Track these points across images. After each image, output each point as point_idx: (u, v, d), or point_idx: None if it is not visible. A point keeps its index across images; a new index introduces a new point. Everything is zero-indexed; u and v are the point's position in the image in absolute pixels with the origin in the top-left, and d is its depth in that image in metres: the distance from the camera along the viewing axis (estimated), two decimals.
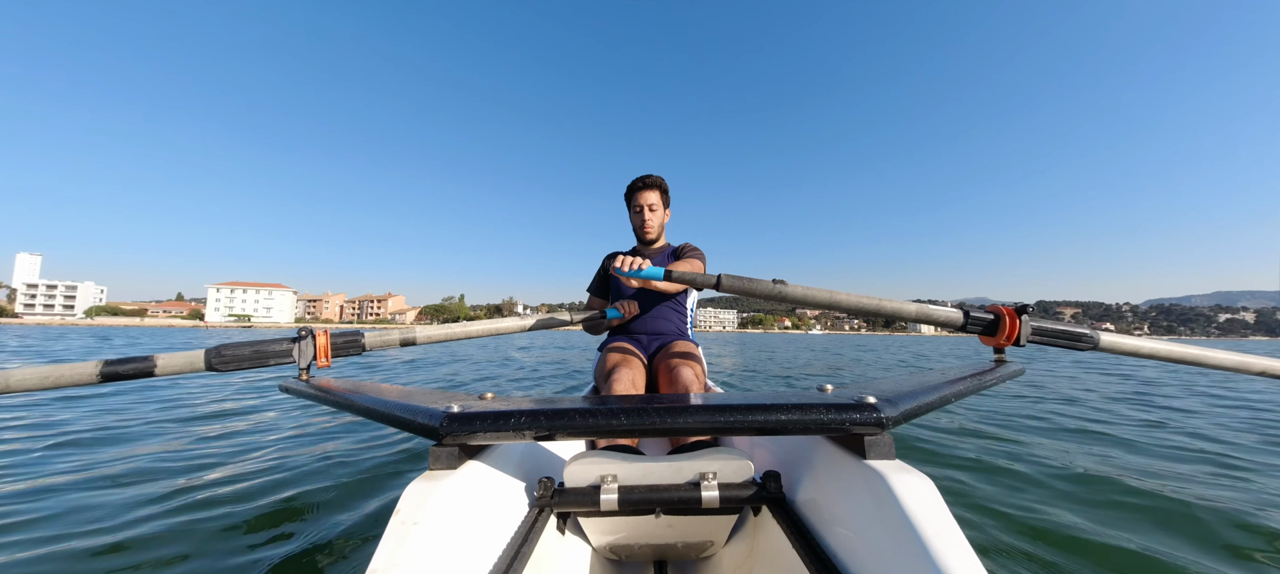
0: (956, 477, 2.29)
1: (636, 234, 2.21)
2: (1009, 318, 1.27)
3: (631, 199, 2.17)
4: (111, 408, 3.79)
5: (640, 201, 2.13)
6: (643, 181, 2.14)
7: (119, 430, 3.11)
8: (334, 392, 1.12)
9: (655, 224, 2.14)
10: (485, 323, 1.67)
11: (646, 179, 2.14)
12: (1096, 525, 1.76)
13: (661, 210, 2.17)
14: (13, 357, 9.40)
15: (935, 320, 1.32)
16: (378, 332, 1.45)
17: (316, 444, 2.81)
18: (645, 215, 2.12)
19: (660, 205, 2.16)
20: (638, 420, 0.78)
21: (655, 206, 2.13)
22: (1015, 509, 1.89)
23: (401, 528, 0.71)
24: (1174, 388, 5.64)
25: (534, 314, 1.75)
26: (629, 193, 2.19)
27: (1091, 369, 7.11)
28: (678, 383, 1.61)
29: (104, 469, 2.33)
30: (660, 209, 2.16)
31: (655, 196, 2.13)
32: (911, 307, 1.34)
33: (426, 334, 1.55)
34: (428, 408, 0.87)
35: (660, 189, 2.15)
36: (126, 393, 4.47)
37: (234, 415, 3.65)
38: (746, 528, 1.03)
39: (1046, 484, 2.19)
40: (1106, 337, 1.36)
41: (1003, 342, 1.28)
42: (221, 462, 2.47)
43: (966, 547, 0.63)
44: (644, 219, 2.12)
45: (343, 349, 1.38)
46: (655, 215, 2.13)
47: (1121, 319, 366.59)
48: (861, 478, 0.77)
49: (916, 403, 0.85)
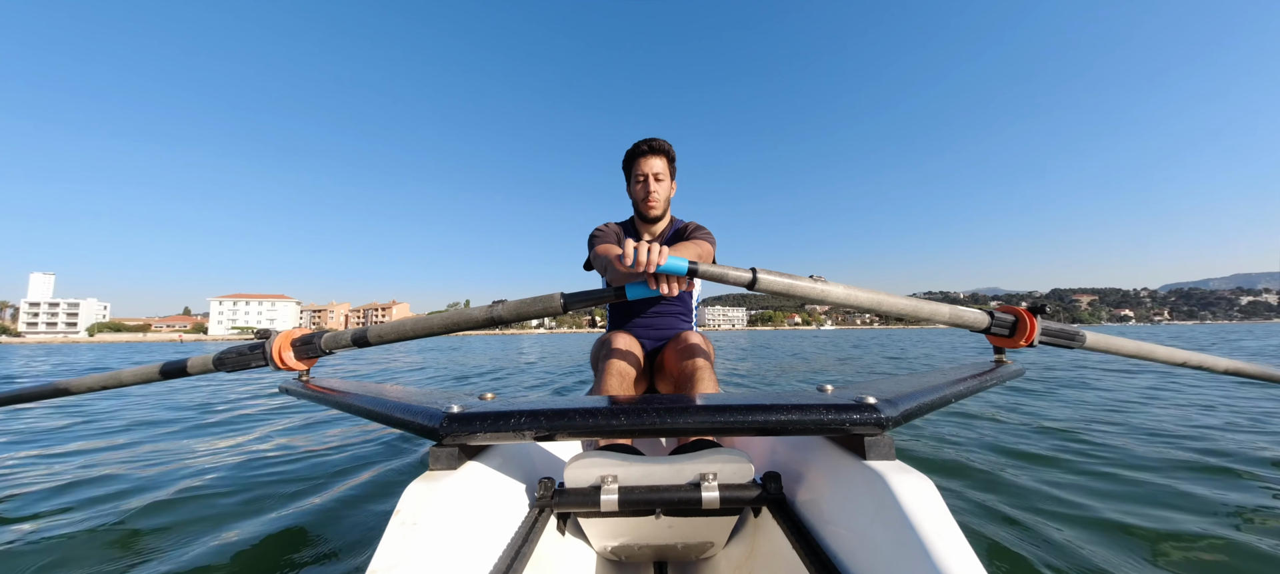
0: (956, 477, 2.26)
1: (637, 208, 1.92)
2: (1027, 320, 1.25)
3: (632, 166, 1.88)
4: (109, 408, 3.88)
5: (643, 169, 1.84)
6: (647, 145, 1.84)
7: (116, 429, 3.18)
8: (334, 393, 1.13)
9: (660, 197, 1.85)
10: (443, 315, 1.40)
11: (652, 143, 1.84)
12: (1097, 525, 1.74)
13: (668, 181, 1.88)
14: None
15: (964, 323, 1.29)
16: (332, 334, 1.42)
17: (316, 445, 2.84)
18: (650, 185, 1.83)
19: (667, 175, 1.86)
20: (638, 420, 0.78)
21: (661, 176, 1.84)
22: (1015, 510, 1.86)
23: (401, 528, 0.71)
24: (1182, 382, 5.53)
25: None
26: (629, 159, 1.89)
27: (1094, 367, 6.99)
28: (683, 377, 1.54)
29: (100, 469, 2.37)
30: (666, 179, 1.87)
31: (661, 164, 1.84)
32: (944, 309, 1.30)
33: (378, 332, 1.42)
34: (428, 408, 0.87)
35: (667, 156, 1.86)
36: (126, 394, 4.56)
37: (233, 415, 3.72)
38: (747, 529, 1.02)
39: (1047, 484, 2.16)
40: (1091, 336, 1.35)
41: (1021, 343, 1.26)
42: (221, 462, 2.51)
43: (966, 547, 0.62)
44: (648, 189, 1.83)
45: (304, 352, 1.39)
46: (661, 187, 1.85)
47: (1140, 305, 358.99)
48: (861, 478, 0.76)
49: (916, 403, 0.84)
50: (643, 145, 1.85)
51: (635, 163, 1.87)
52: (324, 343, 1.41)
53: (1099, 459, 2.49)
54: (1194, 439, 2.85)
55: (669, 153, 1.87)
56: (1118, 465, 2.38)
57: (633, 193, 1.91)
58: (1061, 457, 2.55)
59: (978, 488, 2.10)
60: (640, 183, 1.85)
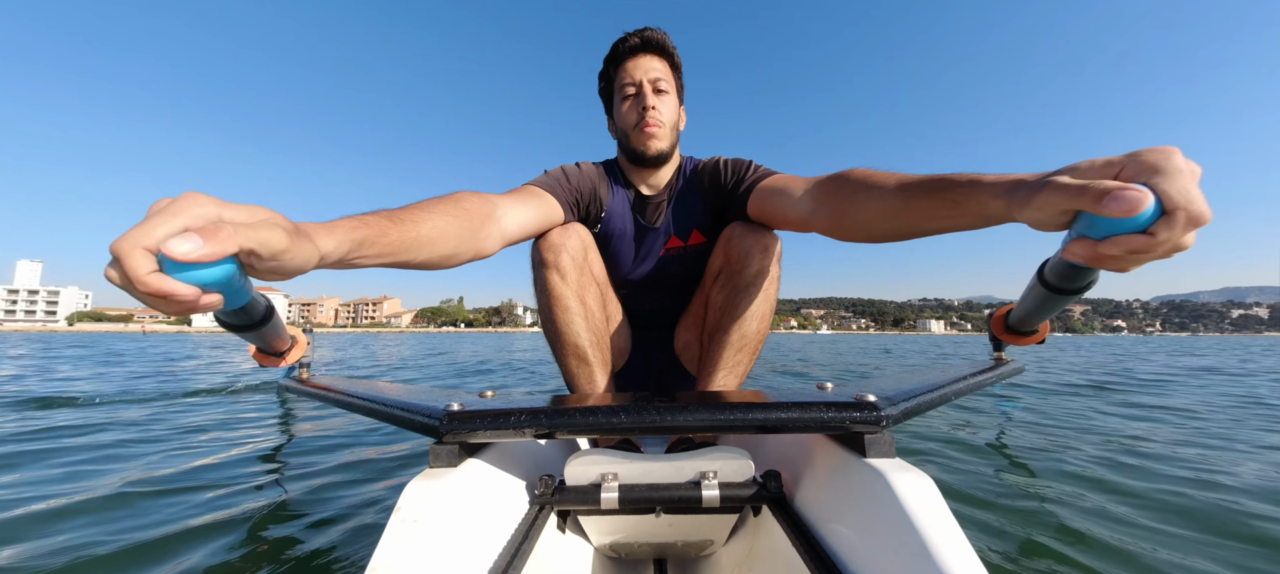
0: (956, 475, 2.28)
1: (628, 140, 1.24)
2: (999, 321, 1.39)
3: (617, 74, 1.24)
4: (95, 401, 3.85)
5: (633, 75, 1.20)
6: (639, 38, 1.19)
7: (109, 425, 3.15)
8: (333, 390, 1.13)
9: (666, 119, 1.22)
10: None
11: (645, 35, 1.19)
12: (1098, 525, 1.75)
13: (674, 97, 1.25)
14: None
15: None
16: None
17: (315, 443, 2.83)
18: (647, 99, 1.19)
19: (672, 87, 1.24)
20: (638, 419, 0.78)
21: (664, 86, 1.22)
22: (1015, 509, 1.87)
23: (401, 526, 0.71)
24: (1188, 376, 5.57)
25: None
26: (609, 66, 1.25)
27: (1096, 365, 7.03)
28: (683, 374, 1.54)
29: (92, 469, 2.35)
30: (672, 93, 1.24)
31: (661, 67, 1.22)
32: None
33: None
34: (428, 406, 0.87)
35: (669, 58, 1.23)
36: (125, 397, 4.53)
37: (230, 413, 3.69)
38: (747, 527, 1.03)
39: (1048, 483, 2.17)
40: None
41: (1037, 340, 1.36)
42: (218, 461, 2.49)
43: (966, 545, 0.62)
44: (644, 106, 1.19)
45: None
46: (666, 103, 1.22)
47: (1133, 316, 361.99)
48: (862, 476, 0.76)
49: (916, 401, 0.84)
50: (632, 38, 1.19)
51: (622, 66, 1.22)
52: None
53: (1100, 459, 2.50)
54: (1201, 440, 2.87)
55: (671, 53, 1.22)
56: (1119, 466, 2.39)
57: (620, 118, 1.24)
58: (1063, 454, 2.57)
59: (978, 486, 2.11)
60: (633, 96, 1.20)
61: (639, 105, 1.20)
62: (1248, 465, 2.43)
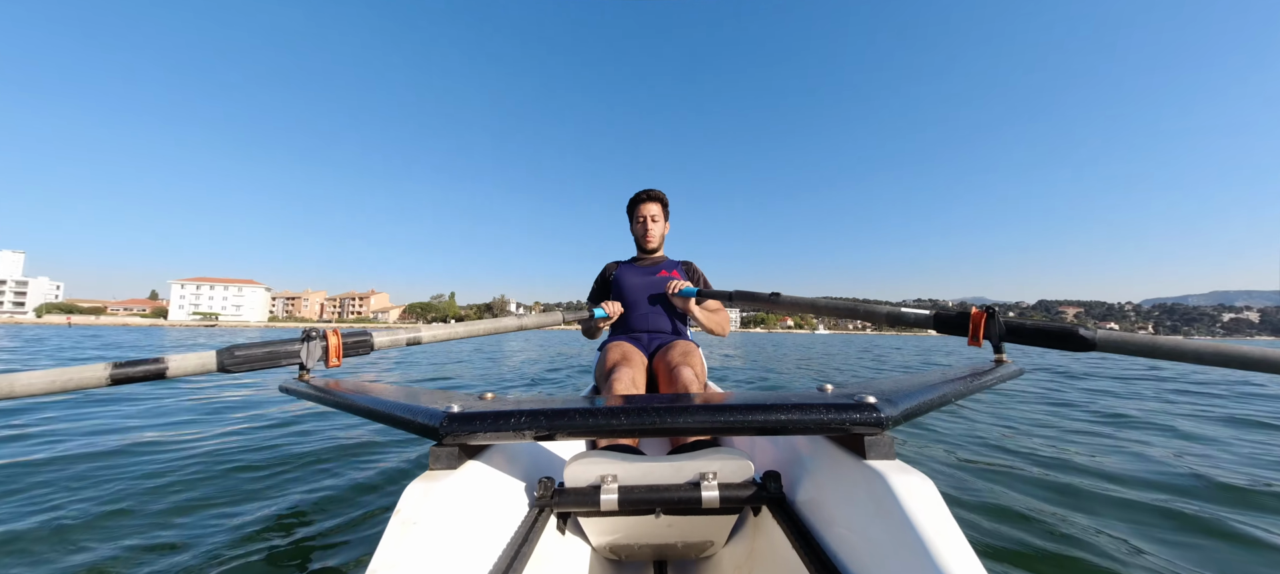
0: (956, 476, 2.29)
1: (638, 242, 2.39)
2: (976, 318, 1.33)
3: (634, 210, 2.35)
4: (104, 410, 3.81)
5: (643, 213, 2.32)
6: (646, 194, 2.33)
7: (116, 431, 3.12)
8: (334, 392, 1.12)
9: (656, 234, 2.33)
10: (486, 322, 1.83)
11: (650, 193, 2.34)
12: (1098, 525, 1.76)
13: (662, 222, 2.35)
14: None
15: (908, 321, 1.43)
16: (387, 332, 1.53)
17: (315, 444, 2.81)
18: (648, 226, 2.31)
19: (661, 217, 2.34)
20: (638, 420, 0.78)
21: (657, 218, 2.32)
22: (1015, 509, 1.88)
23: (401, 528, 0.71)
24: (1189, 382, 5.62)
25: (528, 312, 1.81)
26: (632, 205, 2.36)
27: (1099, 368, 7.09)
28: (677, 381, 1.63)
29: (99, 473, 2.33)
30: (661, 220, 2.34)
31: (657, 209, 2.33)
32: (882, 308, 1.50)
33: (432, 334, 1.69)
34: (428, 408, 0.87)
35: (661, 202, 2.35)
36: (126, 399, 4.48)
37: (231, 416, 3.66)
38: (746, 528, 1.03)
39: (1048, 485, 2.18)
40: (1103, 335, 1.36)
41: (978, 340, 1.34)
42: (218, 462, 2.48)
43: (966, 547, 0.63)
44: (646, 229, 2.31)
45: (354, 349, 1.42)
46: (657, 226, 2.32)
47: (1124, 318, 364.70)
48: (861, 478, 0.77)
49: (916, 403, 0.85)
50: (642, 194, 2.34)
51: (637, 207, 2.34)
52: (377, 342, 1.46)
53: (1101, 458, 2.52)
54: (1203, 439, 2.90)
55: (663, 200, 2.35)
56: (1120, 464, 2.41)
57: (635, 231, 2.37)
58: (1064, 456, 2.58)
59: (978, 487, 2.13)
60: (641, 223, 2.32)
61: (644, 227, 2.32)
62: (1242, 470, 2.45)
